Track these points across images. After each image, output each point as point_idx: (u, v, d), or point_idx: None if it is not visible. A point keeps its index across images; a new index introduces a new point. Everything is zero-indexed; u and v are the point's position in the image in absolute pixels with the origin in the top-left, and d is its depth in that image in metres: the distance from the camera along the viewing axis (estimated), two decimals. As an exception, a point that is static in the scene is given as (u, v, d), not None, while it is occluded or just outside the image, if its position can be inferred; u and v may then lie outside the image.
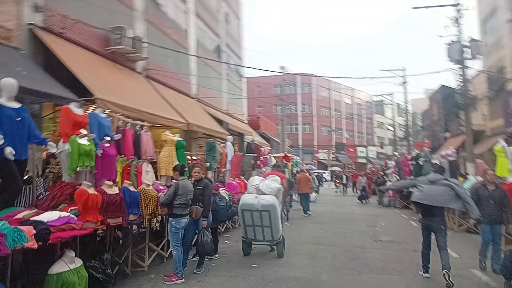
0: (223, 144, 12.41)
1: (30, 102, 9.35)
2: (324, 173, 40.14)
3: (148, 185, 6.48)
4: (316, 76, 44.81)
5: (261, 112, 42.52)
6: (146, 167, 7.77)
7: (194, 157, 10.93)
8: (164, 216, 6.68)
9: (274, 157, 25.70)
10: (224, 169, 11.96)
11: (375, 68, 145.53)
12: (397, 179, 20.26)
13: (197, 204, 6.47)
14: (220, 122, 20.43)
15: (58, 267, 4.33)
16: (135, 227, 6.81)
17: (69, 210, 4.88)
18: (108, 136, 6.31)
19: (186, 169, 6.45)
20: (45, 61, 10.50)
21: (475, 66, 17.75)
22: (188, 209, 6.37)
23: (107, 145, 6.25)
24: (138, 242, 6.70)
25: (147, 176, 7.75)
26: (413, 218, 14.75)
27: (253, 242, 8.11)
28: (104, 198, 5.21)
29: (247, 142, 13.38)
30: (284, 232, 8.52)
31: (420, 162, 15.29)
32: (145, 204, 6.18)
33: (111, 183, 5.61)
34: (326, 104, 56.59)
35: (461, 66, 16.40)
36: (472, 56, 16.62)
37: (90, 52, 12.31)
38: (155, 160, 8.26)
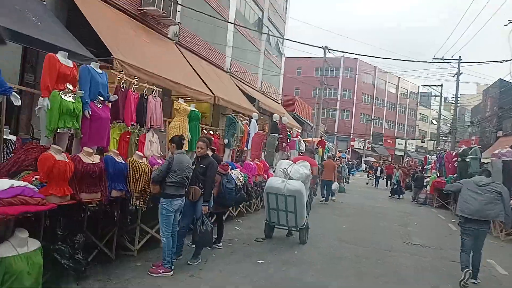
0: (246, 121, 11.26)
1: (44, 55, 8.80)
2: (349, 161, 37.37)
3: (141, 156, 5.43)
4: (361, 55, 42.20)
5: (299, 94, 40.96)
6: (151, 137, 6.78)
7: (212, 132, 9.86)
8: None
9: (305, 141, 24.45)
10: (246, 148, 10.87)
11: (425, 55, 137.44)
12: (437, 175, 18.46)
13: (197, 184, 5.42)
14: (251, 99, 19.30)
15: (2, 251, 3.42)
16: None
17: (33, 179, 3.96)
18: (102, 96, 5.32)
19: (185, 141, 5.38)
20: (68, 16, 9.86)
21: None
22: (186, 189, 5.34)
23: (100, 106, 5.27)
24: (131, 222, 5.75)
25: (151, 147, 6.78)
26: (451, 220, 13.17)
27: (276, 226, 7.81)
28: (78, 167, 4.22)
29: (273, 121, 12.14)
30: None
31: (467, 160, 13.53)
32: (134, 180, 5.14)
33: (90, 150, 4.60)
34: (369, 91, 53.79)
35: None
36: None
37: (120, 12, 11.49)
38: (162, 129, 7.26)
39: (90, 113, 5.08)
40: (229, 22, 17.34)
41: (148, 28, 12.79)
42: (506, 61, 15.34)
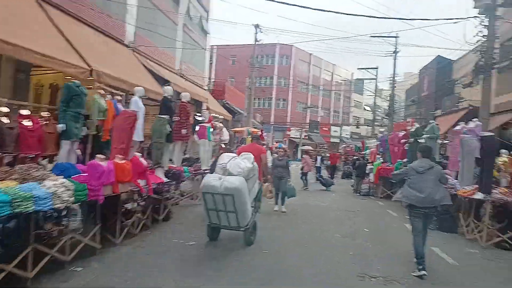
0: (118, 97, 7.00)
1: None
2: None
3: None
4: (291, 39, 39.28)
5: (233, 85, 37.10)
6: None
7: (23, 112, 5.43)
8: None
9: (236, 132, 20.82)
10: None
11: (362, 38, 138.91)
12: (382, 161, 15.56)
13: None
14: (164, 82, 14.96)
15: None
16: None
17: None
18: None
19: None
20: None
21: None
22: None
23: None
24: None
25: None
26: (405, 217, 10.06)
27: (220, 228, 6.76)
28: None
29: (164, 97, 7.99)
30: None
31: (423, 140, 10.42)
32: None
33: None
34: (304, 79, 51.33)
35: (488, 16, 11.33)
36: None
37: None
38: None
39: None
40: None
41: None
42: (464, 19, 12.04)
